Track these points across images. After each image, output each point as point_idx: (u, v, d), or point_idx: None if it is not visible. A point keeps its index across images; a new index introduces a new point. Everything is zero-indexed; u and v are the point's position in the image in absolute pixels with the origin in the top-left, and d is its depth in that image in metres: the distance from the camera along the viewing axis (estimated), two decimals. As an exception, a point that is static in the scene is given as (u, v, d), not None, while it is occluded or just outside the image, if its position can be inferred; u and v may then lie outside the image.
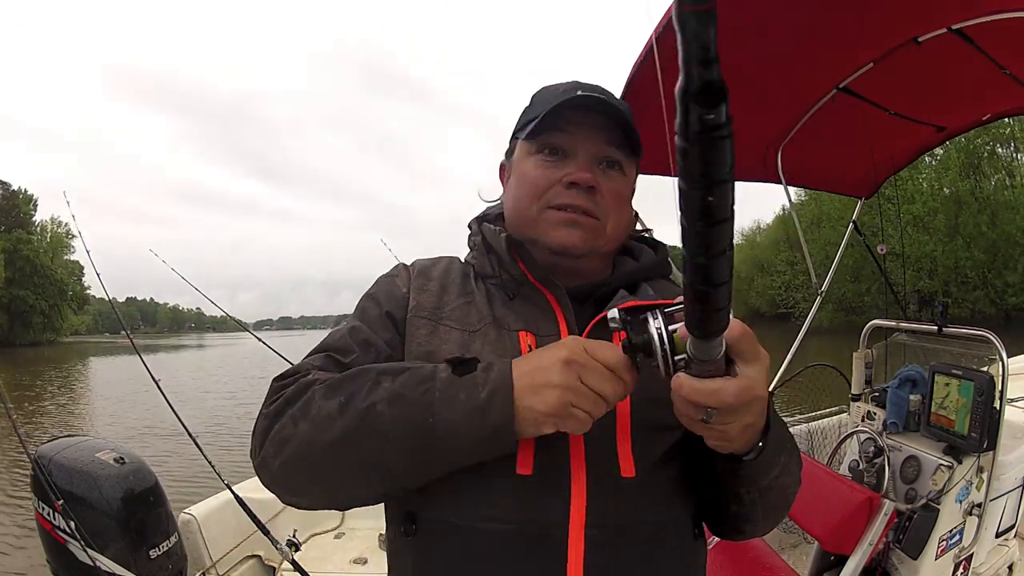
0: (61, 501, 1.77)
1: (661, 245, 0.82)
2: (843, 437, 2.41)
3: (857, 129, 2.38)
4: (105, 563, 1.77)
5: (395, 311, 0.74)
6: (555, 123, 0.71)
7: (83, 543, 1.74)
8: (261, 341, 3.07)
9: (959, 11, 1.79)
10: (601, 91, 0.75)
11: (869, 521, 1.83)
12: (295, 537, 2.25)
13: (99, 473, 1.89)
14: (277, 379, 0.67)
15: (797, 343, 3.09)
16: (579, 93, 0.71)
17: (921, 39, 1.91)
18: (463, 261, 0.82)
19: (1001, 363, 1.92)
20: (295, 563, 2.03)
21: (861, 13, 1.78)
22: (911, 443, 2.09)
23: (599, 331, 0.64)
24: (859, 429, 2.32)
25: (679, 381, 0.51)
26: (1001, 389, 1.89)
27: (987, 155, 25.65)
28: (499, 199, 0.85)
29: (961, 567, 1.96)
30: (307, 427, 0.60)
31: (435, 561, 0.64)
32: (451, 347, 0.69)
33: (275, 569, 2.33)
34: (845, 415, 2.78)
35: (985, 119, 2.53)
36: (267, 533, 2.06)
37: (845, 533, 1.84)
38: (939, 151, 23.25)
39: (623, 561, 0.62)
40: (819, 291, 3.13)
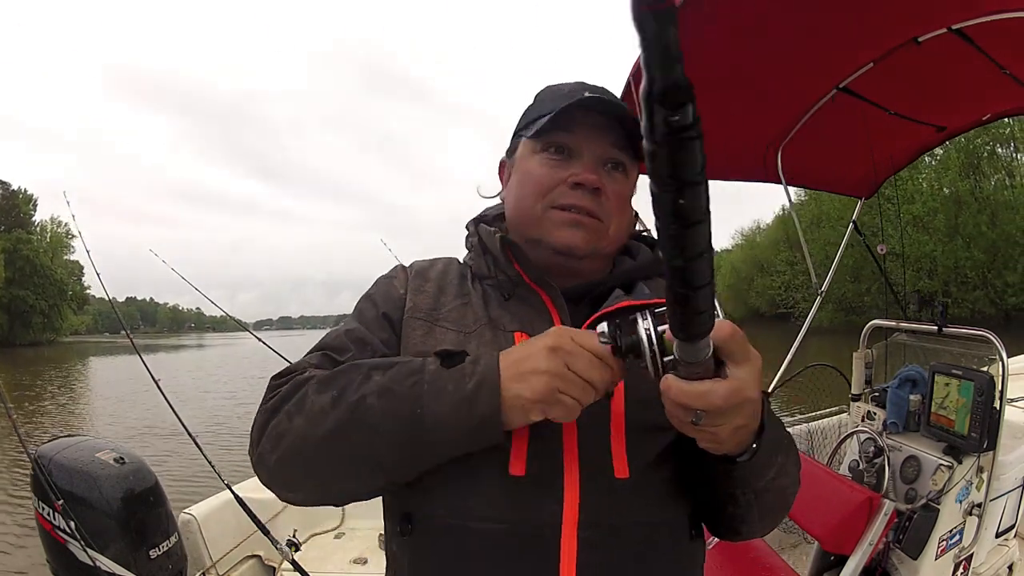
0: (61, 501, 1.77)
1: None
2: (843, 437, 2.41)
3: (857, 129, 2.38)
4: (105, 563, 1.77)
5: (392, 312, 0.74)
6: (562, 123, 0.71)
7: (83, 543, 1.73)
8: (261, 341, 3.06)
9: (959, 11, 1.79)
10: (607, 93, 0.75)
11: (869, 521, 1.83)
12: (295, 537, 2.25)
13: (99, 473, 1.89)
14: (275, 377, 0.68)
15: (797, 343, 3.09)
16: (587, 94, 0.71)
17: (921, 39, 1.92)
18: (461, 262, 0.82)
19: (1001, 363, 1.92)
20: (295, 563, 2.03)
21: (861, 13, 1.78)
22: (911, 443, 2.09)
23: None
24: (859, 429, 2.32)
25: (667, 383, 0.50)
26: (1001, 389, 1.89)
27: (987, 155, 25.61)
28: (498, 195, 0.84)
29: (961, 567, 1.96)
30: (302, 421, 0.61)
31: (430, 561, 0.64)
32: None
33: (275, 569, 2.33)
34: (845, 415, 2.78)
35: (985, 119, 2.53)
36: (267, 533, 2.06)
37: (845, 533, 1.84)
38: (939, 151, 23.24)
39: (616, 562, 0.62)
40: (819, 291, 3.13)
